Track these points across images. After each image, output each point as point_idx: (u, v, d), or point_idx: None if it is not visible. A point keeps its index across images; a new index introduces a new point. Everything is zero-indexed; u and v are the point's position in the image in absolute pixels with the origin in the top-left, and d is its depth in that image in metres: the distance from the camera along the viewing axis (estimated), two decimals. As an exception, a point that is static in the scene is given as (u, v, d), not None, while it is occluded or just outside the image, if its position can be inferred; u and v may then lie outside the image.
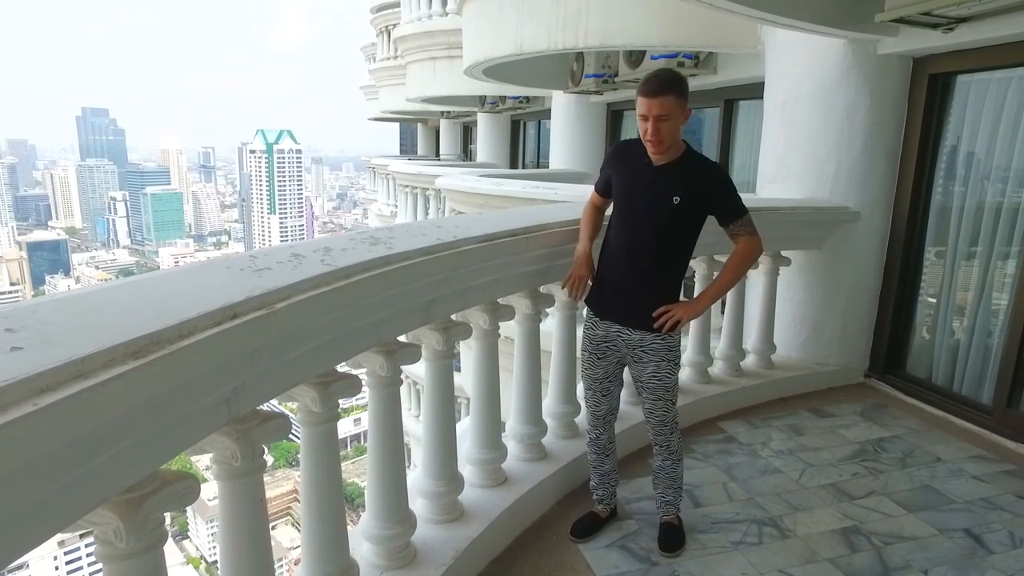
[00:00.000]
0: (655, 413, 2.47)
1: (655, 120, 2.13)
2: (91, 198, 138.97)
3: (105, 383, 0.90)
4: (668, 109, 2.12)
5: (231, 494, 1.50)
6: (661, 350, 2.38)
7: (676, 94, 2.13)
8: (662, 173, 2.26)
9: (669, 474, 2.57)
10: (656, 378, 2.40)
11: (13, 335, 0.92)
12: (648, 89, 2.13)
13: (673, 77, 2.17)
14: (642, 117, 2.17)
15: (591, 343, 2.48)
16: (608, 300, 2.42)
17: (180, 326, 1.09)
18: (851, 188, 4.19)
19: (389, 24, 14.21)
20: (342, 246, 1.69)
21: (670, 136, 2.18)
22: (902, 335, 4.36)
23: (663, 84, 2.13)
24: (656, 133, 2.15)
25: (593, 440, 2.64)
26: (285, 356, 1.45)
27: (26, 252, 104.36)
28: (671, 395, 2.45)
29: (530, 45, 5.51)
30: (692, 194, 2.25)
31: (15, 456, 0.79)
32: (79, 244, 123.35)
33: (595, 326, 2.47)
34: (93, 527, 1.15)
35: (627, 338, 2.40)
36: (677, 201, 2.24)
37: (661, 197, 2.26)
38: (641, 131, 2.20)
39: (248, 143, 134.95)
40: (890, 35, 3.83)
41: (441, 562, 2.20)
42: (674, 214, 2.26)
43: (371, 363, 1.94)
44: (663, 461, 2.56)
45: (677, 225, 2.30)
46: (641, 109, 2.16)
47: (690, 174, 2.27)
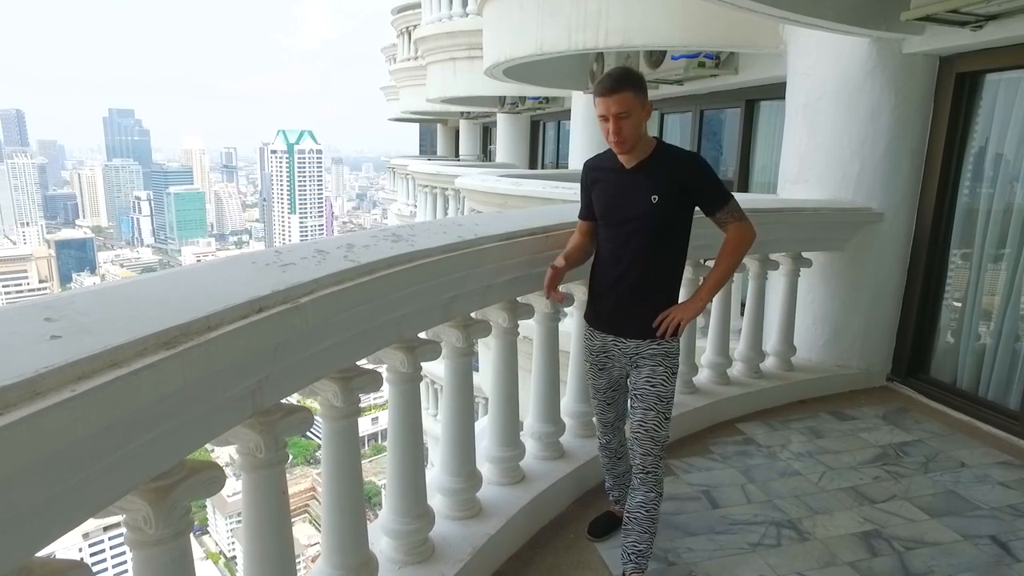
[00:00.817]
0: (645, 425, 2.22)
1: (615, 119, 2.08)
2: (116, 197, 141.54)
3: (137, 372, 0.93)
4: (626, 105, 2.06)
5: (254, 485, 1.52)
6: (658, 355, 2.26)
7: (633, 89, 2.07)
8: (636, 174, 2.19)
9: (649, 514, 2.23)
10: (649, 383, 2.24)
11: (52, 324, 0.95)
12: (603, 88, 2.08)
13: (627, 73, 2.11)
14: (602, 118, 2.12)
15: (591, 354, 2.42)
16: (602, 311, 2.34)
17: (208, 318, 1.11)
18: (874, 189, 4.14)
19: (410, 25, 14.29)
20: (364, 243, 1.71)
21: (633, 133, 2.11)
22: (926, 338, 4.30)
23: (617, 81, 2.08)
24: (618, 131, 2.09)
25: (604, 445, 2.60)
26: (308, 350, 1.48)
27: (54, 250, 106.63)
28: (664, 406, 2.24)
29: (550, 45, 5.52)
30: (671, 189, 2.16)
31: (54, 440, 0.82)
32: (104, 242, 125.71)
33: (592, 337, 2.39)
34: (124, 513, 1.19)
35: (623, 347, 2.30)
36: (656, 200, 2.15)
37: (638, 199, 2.18)
38: (604, 133, 2.15)
39: (269, 143, 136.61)
40: (916, 34, 3.78)
41: (459, 558, 2.21)
42: (656, 214, 2.17)
43: (392, 359, 1.96)
44: (645, 494, 2.23)
45: (661, 225, 2.19)
46: (600, 110, 2.11)
47: (665, 168, 2.18)
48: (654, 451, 2.23)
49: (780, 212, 3.98)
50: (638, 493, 2.26)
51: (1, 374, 0.79)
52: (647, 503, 2.24)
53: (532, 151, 13.17)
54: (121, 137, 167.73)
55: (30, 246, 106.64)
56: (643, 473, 2.25)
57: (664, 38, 5.04)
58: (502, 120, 13.08)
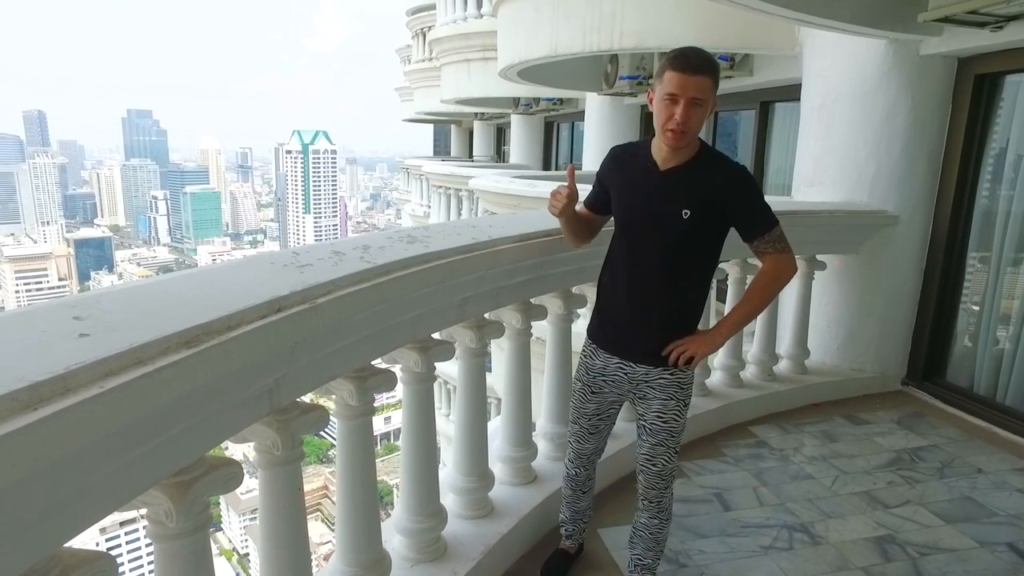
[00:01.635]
0: (653, 461, 2.06)
1: (687, 103, 1.75)
2: (134, 197, 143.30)
3: (161, 369, 0.96)
4: (705, 92, 1.76)
5: (271, 482, 1.55)
6: (670, 387, 2.01)
7: (714, 77, 1.78)
8: (671, 179, 1.89)
9: (654, 535, 2.16)
10: (661, 419, 2.03)
11: (81, 323, 0.98)
12: (686, 63, 1.74)
13: (711, 57, 1.80)
14: (670, 98, 1.77)
15: (587, 374, 2.13)
16: (609, 330, 2.07)
17: (229, 318, 1.14)
18: (890, 192, 4.11)
19: (424, 26, 14.37)
20: (380, 244, 1.74)
21: (698, 126, 1.82)
22: (942, 342, 4.26)
23: (704, 61, 1.76)
24: (686, 120, 1.76)
25: (572, 477, 2.31)
26: (325, 350, 1.50)
27: (73, 249, 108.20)
28: (675, 441, 2.06)
29: (565, 47, 5.53)
30: (707, 204, 1.87)
31: (84, 434, 0.84)
32: (122, 241, 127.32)
33: (593, 355, 2.11)
34: (146, 507, 1.22)
35: (629, 373, 2.04)
36: (687, 215, 1.85)
37: (669, 210, 1.88)
38: (664, 117, 1.80)
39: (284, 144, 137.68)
40: (934, 35, 3.75)
41: (471, 557, 2.23)
42: (685, 232, 1.88)
43: (406, 359, 1.98)
44: (649, 519, 2.14)
45: (689, 244, 1.92)
46: (671, 87, 1.75)
47: (705, 178, 1.88)
48: (659, 485, 2.10)
49: (794, 215, 3.96)
50: (643, 515, 2.17)
51: (35, 370, 0.81)
52: (653, 524, 2.16)
53: (546, 152, 13.19)
54: (139, 137, 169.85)
55: (50, 244, 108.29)
56: (647, 501, 2.14)
57: (678, 40, 5.02)
58: (516, 121, 13.11)
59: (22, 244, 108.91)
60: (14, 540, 0.83)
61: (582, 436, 2.23)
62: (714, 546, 2.63)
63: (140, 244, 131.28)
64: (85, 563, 0.99)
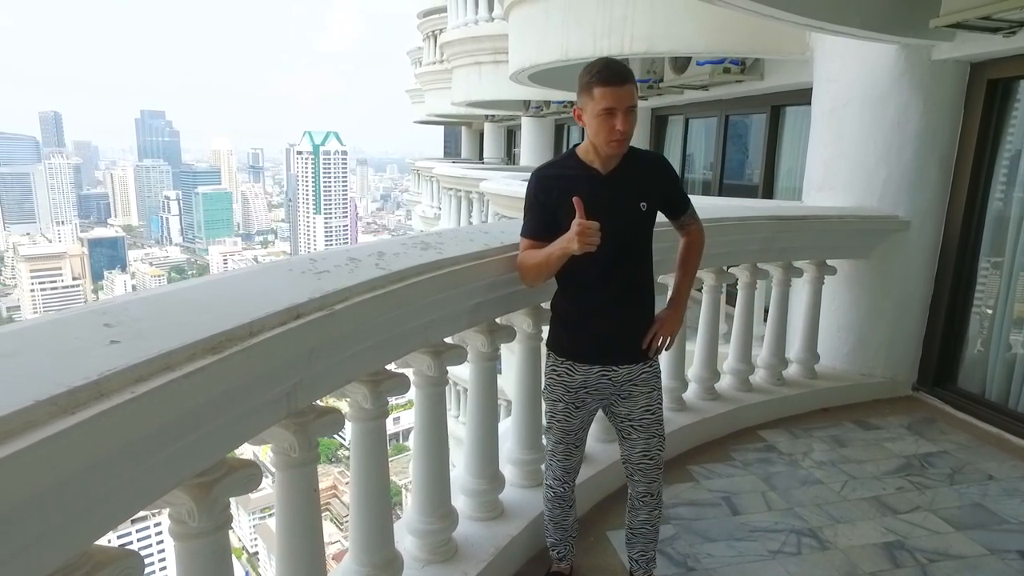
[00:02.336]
0: (650, 455, 2.16)
1: (625, 113, 1.86)
2: (147, 197, 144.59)
3: (188, 375, 1.00)
4: (634, 98, 1.89)
5: (288, 483, 1.59)
6: (651, 378, 2.14)
7: (635, 84, 1.91)
8: (617, 180, 1.99)
9: (654, 526, 2.27)
10: (649, 411, 2.14)
11: (111, 330, 1.02)
12: (614, 76, 1.85)
13: (626, 66, 1.92)
14: (607, 112, 1.85)
15: (567, 392, 2.13)
16: (588, 342, 2.09)
17: (251, 325, 1.18)
18: (901, 196, 4.11)
19: (436, 29, 14.45)
20: (395, 251, 1.77)
21: (633, 130, 1.92)
22: (953, 347, 4.25)
23: (627, 71, 1.89)
24: (626, 127, 1.87)
25: (559, 496, 2.30)
26: (341, 354, 1.54)
27: (87, 248, 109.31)
28: (663, 428, 2.20)
29: (576, 51, 5.56)
30: (654, 192, 2.04)
31: (117, 437, 0.88)
32: (135, 241, 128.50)
33: (571, 371, 2.11)
34: (169, 507, 1.26)
35: (612, 376, 2.10)
36: (644, 207, 2.00)
37: (627, 207, 1.99)
38: (604, 130, 1.88)
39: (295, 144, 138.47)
40: (946, 40, 3.74)
41: (481, 558, 2.26)
42: (643, 222, 2.03)
43: (419, 363, 2.02)
44: (649, 513, 2.24)
45: (646, 234, 2.07)
46: (608, 101, 1.84)
47: (644, 171, 2.04)
48: (658, 477, 2.21)
49: (804, 220, 3.98)
50: (642, 512, 2.24)
51: (71, 376, 0.85)
52: (652, 520, 2.25)
53: (556, 154, 13.21)
54: (152, 138, 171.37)
55: (64, 244, 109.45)
56: (648, 496, 2.22)
57: (689, 44, 5.05)
58: (526, 123, 13.15)
59: (37, 243, 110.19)
60: (51, 537, 0.87)
61: (569, 452, 2.24)
62: (722, 550, 2.64)
63: (152, 244, 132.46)
64: (114, 560, 1.03)
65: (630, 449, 2.19)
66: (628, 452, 2.20)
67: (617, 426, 2.22)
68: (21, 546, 0.81)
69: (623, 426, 2.18)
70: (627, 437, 2.19)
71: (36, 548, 0.86)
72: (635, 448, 2.17)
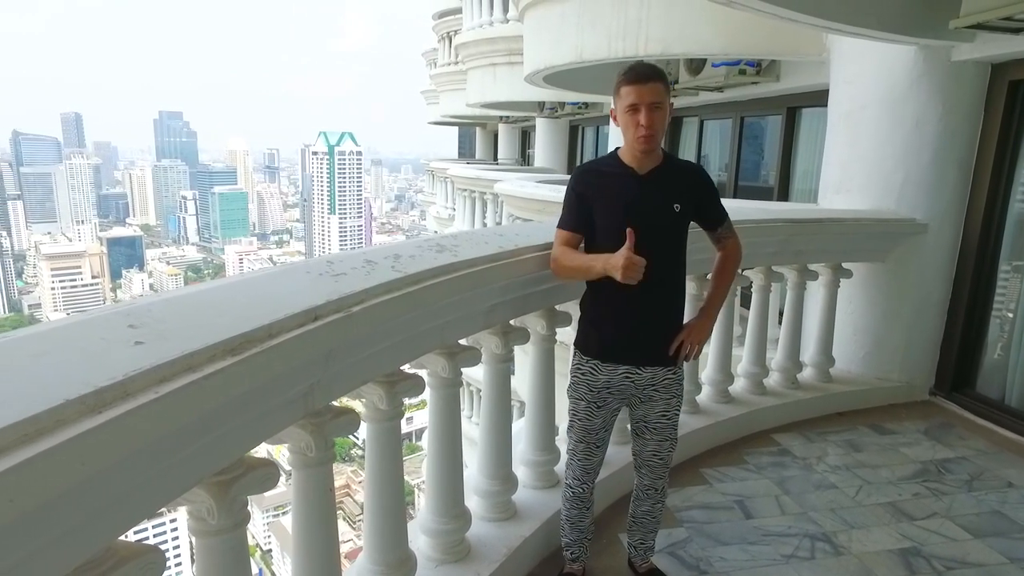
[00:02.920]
0: (660, 455, 2.25)
1: (648, 109, 1.93)
2: (164, 197, 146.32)
3: (209, 376, 1.02)
4: (660, 96, 1.94)
5: (304, 482, 1.61)
6: (673, 385, 2.18)
7: (663, 83, 1.97)
8: (653, 182, 2.05)
9: (656, 517, 2.37)
10: (666, 417, 2.19)
11: (135, 331, 1.04)
12: (637, 76, 1.94)
13: (657, 66, 2.01)
14: (631, 109, 1.95)
15: (590, 391, 2.16)
16: (613, 339, 2.12)
17: (269, 327, 1.20)
18: (919, 199, 4.07)
19: (451, 30, 14.50)
20: (410, 253, 1.79)
21: (662, 128, 1.99)
22: (972, 352, 4.19)
23: (652, 69, 1.97)
24: (651, 124, 1.93)
25: (577, 495, 2.31)
26: (357, 356, 1.56)
27: (106, 247, 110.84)
28: (676, 433, 2.26)
29: (590, 53, 5.56)
30: (689, 198, 2.09)
31: (141, 436, 0.91)
32: (152, 240, 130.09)
33: (595, 371, 2.14)
34: (189, 504, 1.28)
35: (636, 379, 2.13)
36: (678, 209, 2.05)
37: (661, 207, 2.05)
38: (630, 125, 1.97)
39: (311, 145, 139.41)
40: (966, 41, 3.70)
41: (494, 559, 2.28)
42: (677, 224, 2.08)
43: (434, 365, 2.04)
44: (652, 505, 2.33)
45: (680, 236, 2.11)
46: (630, 98, 1.94)
47: (681, 177, 2.11)
48: (664, 475, 2.32)
49: (820, 222, 3.96)
50: (645, 503, 2.35)
51: (98, 376, 0.88)
52: (654, 511, 2.36)
53: (571, 155, 13.21)
54: (170, 139, 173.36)
55: (84, 243, 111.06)
56: (652, 489, 2.32)
57: (704, 46, 5.03)
58: (541, 124, 13.16)
59: (58, 242, 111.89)
60: (78, 532, 0.89)
61: (589, 452, 2.26)
62: (735, 554, 2.64)
63: (169, 243, 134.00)
64: (137, 555, 1.05)
65: (641, 447, 2.28)
66: (639, 449, 2.30)
67: (632, 425, 2.29)
68: (50, 540, 0.84)
69: (637, 426, 2.26)
70: (640, 435, 2.26)
71: (64, 542, 0.88)
72: (646, 447, 2.26)
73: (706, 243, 2.29)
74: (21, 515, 0.75)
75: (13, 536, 0.77)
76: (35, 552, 0.84)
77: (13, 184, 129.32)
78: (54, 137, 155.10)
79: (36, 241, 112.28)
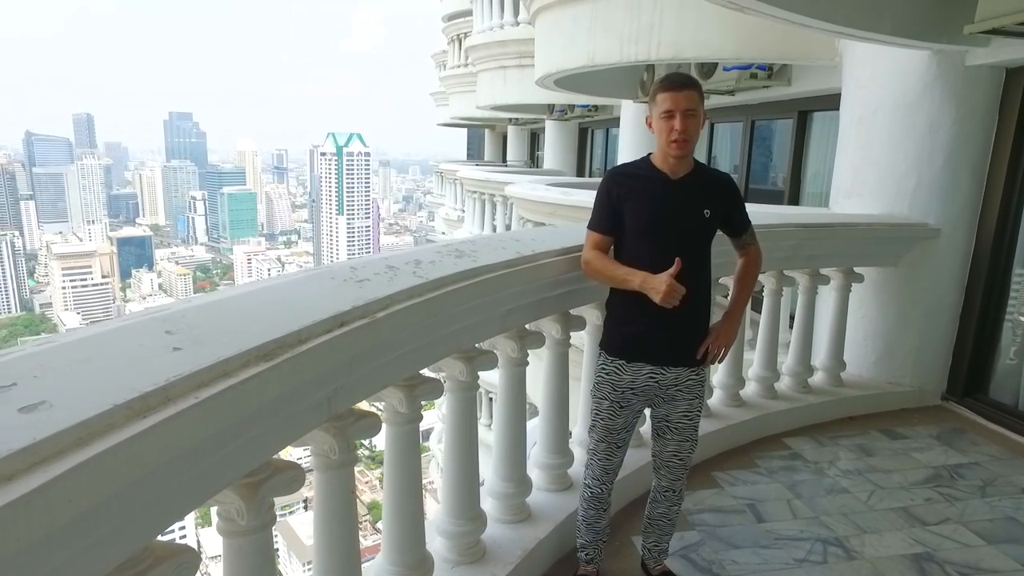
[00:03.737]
0: (680, 456, 2.28)
1: (683, 115, 1.99)
2: (174, 197, 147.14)
3: (245, 382, 1.05)
4: (694, 103, 2.01)
5: (327, 484, 1.65)
6: (696, 386, 2.21)
7: (698, 91, 2.04)
8: (684, 187, 2.11)
9: (671, 520, 2.40)
10: (687, 417, 2.23)
11: (172, 337, 1.08)
12: (672, 83, 2.02)
13: (692, 76, 2.13)
14: (666, 115, 2.02)
15: (614, 390, 2.19)
16: (640, 339, 2.14)
17: (299, 332, 1.23)
18: (931, 204, 4.06)
19: (460, 32, 14.54)
20: (431, 258, 1.82)
21: (695, 135, 2.05)
22: (985, 357, 4.19)
23: (687, 78, 2.06)
24: (684, 130, 2.00)
25: (595, 496, 2.33)
26: (380, 360, 1.59)
27: (116, 247, 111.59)
28: (697, 434, 2.29)
29: (603, 57, 5.58)
30: (718, 205, 2.15)
31: (183, 440, 0.94)
32: (161, 240, 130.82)
33: (620, 371, 2.18)
34: (219, 505, 1.32)
35: (661, 379, 2.17)
36: (708, 214, 2.11)
37: (692, 212, 2.11)
38: (664, 131, 2.03)
39: (319, 146, 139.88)
40: (980, 46, 3.70)
41: (509, 560, 2.30)
42: (706, 229, 2.14)
43: (451, 368, 2.06)
44: (669, 507, 2.36)
45: (707, 242, 2.17)
46: (666, 105, 2.01)
47: (711, 184, 2.18)
48: (683, 476, 2.34)
49: (832, 227, 3.96)
50: (662, 505, 2.37)
51: (142, 381, 0.91)
52: (670, 514, 2.39)
53: (580, 158, 13.23)
54: (179, 139, 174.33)
55: (94, 243, 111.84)
56: (670, 491, 2.35)
57: (717, 51, 5.04)
58: (550, 127, 13.18)
59: (69, 242, 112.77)
60: (121, 532, 0.93)
61: (611, 452, 2.29)
62: (747, 557, 2.65)
63: (178, 243, 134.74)
64: (173, 555, 1.08)
65: (661, 447, 2.30)
66: (659, 449, 2.31)
67: (653, 424, 2.31)
68: (97, 540, 0.87)
69: (659, 425, 2.29)
70: (661, 435, 2.29)
71: (108, 542, 0.92)
72: (667, 447, 2.29)
73: (723, 247, 2.32)
74: (77, 515, 0.78)
75: (69, 535, 0.80)
76: (83, 550, 0.87)
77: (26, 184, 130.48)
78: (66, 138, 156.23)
79: (48, 241, 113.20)
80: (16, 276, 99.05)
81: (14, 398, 0.82)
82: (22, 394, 0.83)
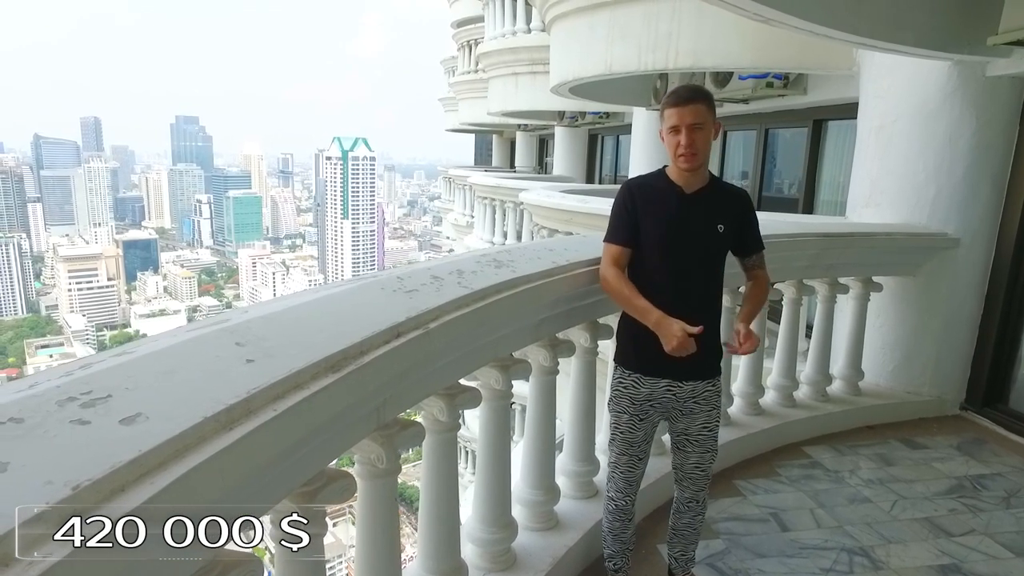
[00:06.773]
0: (702, 467, 2.28)
1: (688, 129, 1.99)
2: (180, 200, 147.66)
3: (316, 394, 1.07)
4: (701, 116, 1.99)
5: (372, 492, 1.66)
6: (712, 397, 2.20)
7: (706, 103, 2.01)
8: (698, 201, 2.10)
9: (696, 529, 2.41)
10: (707, 429, 2.23)
11: (243, 348, 1.10)
12: (677, 98, 2.01)
13: (700, 88, 2.07)
14: (673, 130, 2.02)
15: (632, 404, 2.20)
16: (657, 355, 2.08)
17: (361, 344, 1.25)
18: (951, 214, 4.07)
19: (471, 39, 14.60)
20: (472, 269, 1.84)
21: (704, 148, 2.04)
22: (1005, 367, 4.18)
23: (693, 92, 2.03)
24: (691, 144, 1.99)
25: (620, 508, 2.33)
26: (426, 370, 1.61)
27: (122, 250, 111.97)
28: (717, 444, 2.30)
29: (620, 66, 5.60)
30: (731, 219, 2.13)
31: (265, 452, 0.96)
32: (167, 243, 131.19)
33: (637, 384, 2.18)
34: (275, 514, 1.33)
35: (677, 392, 2.17)
36: (722, 229, 2.10)
37: (705, 228, 2.09)
38: (671, 147, 2.05)
39: (325, 150, 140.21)
40: (1002, 56, 3.71)
41: (539, 568, 2.31)
42: (720, 243, 2.12)
43: (487, 377, 2.08)
44: (693, 517, 2.37)
45: (720, 256, 2.16)
46: (672, 121, 2.02)
47: (725, 199, 2.15)
48: (706, 486, 2.34)
49: (851, 236, 3.97)
50: (686, 515, 2.38)
51: (225, 394, 0.93)
52: (695, 523, 2.40)
53: (589, 164, 13.26)
54: (186, 143, 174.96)
55: (100, 245, 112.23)
56: (694, 502, 2.36)
57: (734, 60, 5.07)
58: (560, 133, 13.22)
59: (75, 244, 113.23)
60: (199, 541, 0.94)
61: (632, 464, 2.29)
62: (774, 566, 2.65)
63: (184, 246, 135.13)
64: (239, 564, 1.10)
65: (683, 460, 2.30)
66: (680, 462, 2.32)
67: (673, 438, 2.31)
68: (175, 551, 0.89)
69: (679, 439, 2.28)
70: (681, 448, 2.29)
71: (188, 552, 0.93)
72: (688, 459, 2.29)
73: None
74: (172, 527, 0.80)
75: (155, 545, 0.81)
76: (164, 563, 0.89)
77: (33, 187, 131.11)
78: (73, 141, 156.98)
79: (54, 243, 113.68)
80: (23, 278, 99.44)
81: (113, 409, 0.84)
82: (119, 406, 0.85)
